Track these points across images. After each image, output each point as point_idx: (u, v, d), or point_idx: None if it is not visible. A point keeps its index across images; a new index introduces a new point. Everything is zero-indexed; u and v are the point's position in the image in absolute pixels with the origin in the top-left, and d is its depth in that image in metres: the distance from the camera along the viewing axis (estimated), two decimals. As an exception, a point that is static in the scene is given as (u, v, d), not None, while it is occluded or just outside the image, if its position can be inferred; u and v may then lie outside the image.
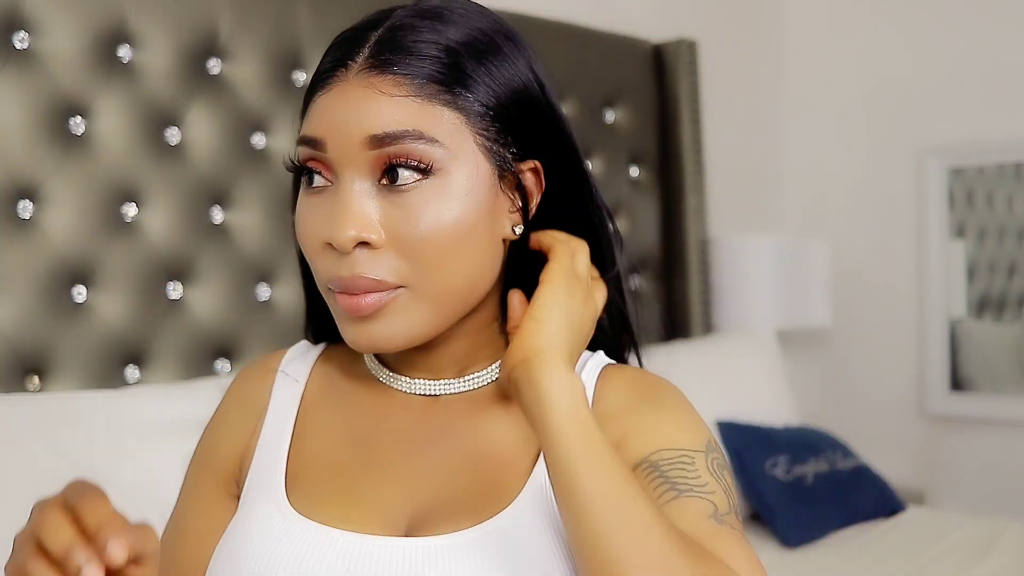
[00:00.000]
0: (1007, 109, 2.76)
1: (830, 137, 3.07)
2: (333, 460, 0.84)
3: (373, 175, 0.75)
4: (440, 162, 0.75)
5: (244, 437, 0.88)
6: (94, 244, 1.55)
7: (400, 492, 0.81)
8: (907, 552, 2.02)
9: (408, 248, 0.75)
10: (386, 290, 0.76)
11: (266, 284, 1.75)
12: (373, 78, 0.75)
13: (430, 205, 0.75)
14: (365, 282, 0.75)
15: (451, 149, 0.75)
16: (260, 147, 1.75)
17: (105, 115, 1.57)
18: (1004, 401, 2.79)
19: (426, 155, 0.74)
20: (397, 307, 0.76)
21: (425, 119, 0.75)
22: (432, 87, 0.75)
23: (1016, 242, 2.80)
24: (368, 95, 0.75)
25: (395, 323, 0.77)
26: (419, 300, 0.77)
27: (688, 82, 2.55)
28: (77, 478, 0.65)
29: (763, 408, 2.35)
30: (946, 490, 2.85)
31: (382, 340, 0.77)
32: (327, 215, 0.76)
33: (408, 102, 0.74)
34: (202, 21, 1.68)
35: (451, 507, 0.79)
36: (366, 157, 0.75)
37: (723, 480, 0.79)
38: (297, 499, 0.82)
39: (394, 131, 0.74)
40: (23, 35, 1.49)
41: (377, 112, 0.74)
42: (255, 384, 0.91)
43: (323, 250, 0.77)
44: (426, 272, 0.76)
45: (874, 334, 2.98)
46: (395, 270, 0.75)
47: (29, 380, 1.48)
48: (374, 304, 0.76)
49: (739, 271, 2.62)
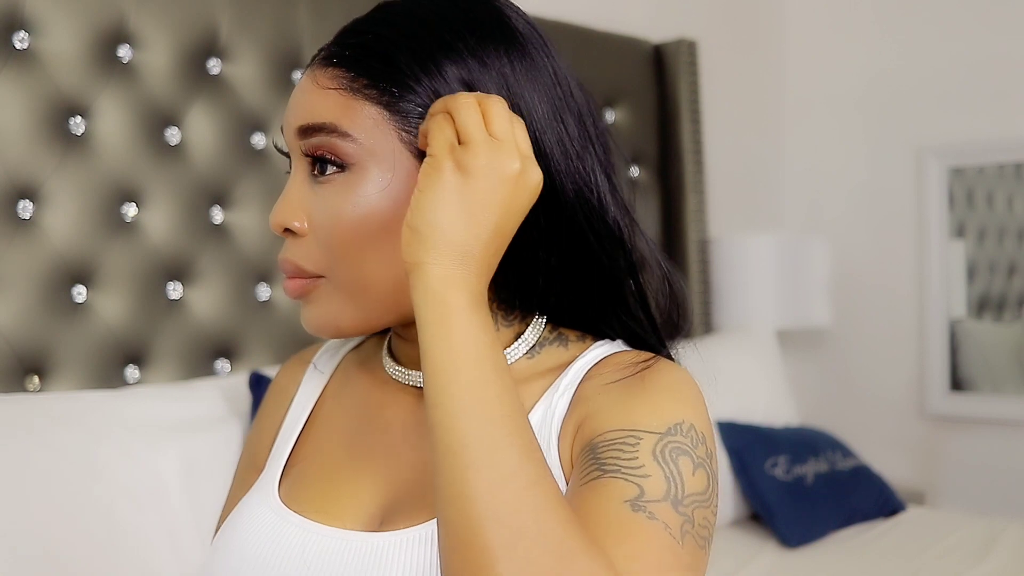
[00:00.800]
0: (1007, 109, 2.76)
1: (830, 137, 3.07)
2: (326, 453, 0.85)
3: (309, 164, 0.78)
4: (353, 157, 0.75)
5: (274, 428, 0.92)
6: (94, 244, 1.55)
7: (377, 484, 0.81)
8: (907, 552, 2.02)
9: (323, 239, 0.77)
10: (306, 277, 0.78)
11: (266, 284, 1.75)
12: (319, 71, 0.78)
13: (342, 199, 0.75)
14: (288, 266, 0.79)
15: (366, 146, 0.75)
16: (260, 147, 1.75)
17: (105, 115, 1.57)
18: (1004, 401, 2.79)
19: (339, 150, 0.75)
20: (319, 296, 0.78)
21: (345, 113, 0.75)
22: (361, 81, 0.75)
23: (1016, 242, 2.80)
24: (306, 87, 0.78)
25: (320, 311, 0.79)
26: (337, 292, 0.78)
27: (688, 82, 2.55)
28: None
29: (763, 408, 2.35)
30: (946, 490, 2.85)
31: (313, 324, 0.80)
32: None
33: (335, 96, 0.76)
34: (202, 21, 1.68)
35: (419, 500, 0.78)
36: (298, 146, 0.78)
37: (670, 465, 0.69)
38: (285, 490, 0.83)
39: (312, 123, 0.76)
40: (23, 35, 1.49)
41: (305, 104, 0.77)
42: (290, 376, 0.95)
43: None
44: (339, 264, 0.77)
45: (874, 334, 2.98)
46: (314, 259, 0.77)
47: (29, 380, 1.48)
48: (296, 289, 0.79)
49: (739, 271, 2.62)
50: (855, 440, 2.68)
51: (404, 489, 0.79)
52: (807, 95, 3.11)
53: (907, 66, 2.92)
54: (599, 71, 2.38)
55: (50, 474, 1.26)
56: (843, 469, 2.26)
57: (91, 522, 1.26)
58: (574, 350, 0.83)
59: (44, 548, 1.22)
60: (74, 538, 1.24)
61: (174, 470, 1.34)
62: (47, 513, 1.24)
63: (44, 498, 1.24)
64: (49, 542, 1.23)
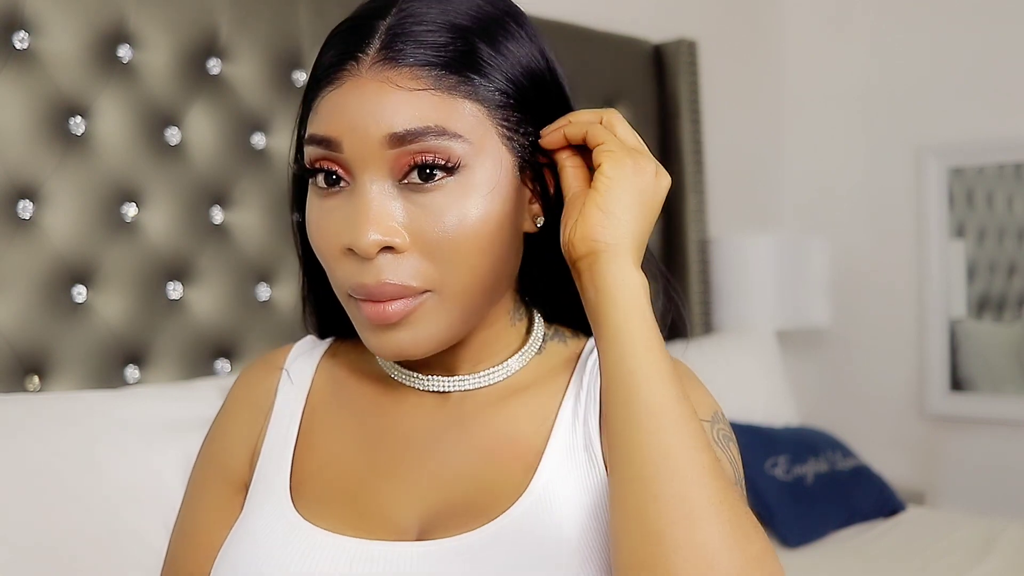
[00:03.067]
0: (1007, 109, 2.76)
1: (830, 137, 3.07)
2: (341, 463, 0.81)
3: (393, 175, 0.71)
4: (464, 158, 0.71)
5: (252, 438, 0.86)
6: (94, 244, 1.55)
7: (409, 495, 0.78)
8: (907, 552, 2.02)
9: (433, 250, 0.71)
10: (412, 296, 0.72)
11: (266, 284, 1.75)
12: (388, 72, 0.71)
13: (455, 204, 0.71)
14: (391, 289, 0.71)
15: (474, 144, 0.72)
16: (260, 147, 1.75)
17: (105, 115, 1.57)
18: (1004, 401, 2.79)
19: (449, 151, 0.71)
20: (424, 312, 0.73)
21: (446, 113, 0.71)
22: (450, 78, 0.71)
23: (1016, 242, 2.80)
24: (384, 90, 0.70)
25: (423, 329, 0.73)
26: (446, 303, 0.73)
27: (688, 82, 2.55)
28: None
29: (763, 408, 2.35)
30: (946, 490, 2.85)
31: (410, 347, 0.73)
32: (345, 219, 0.72)
33: (427, 96, 0.70)
34: (202, 21, 1.68)
35: (460, 507, 0.76)
36: (386, 156, 0.71)
37: (728, 450, 0.76)
38: (303, 504, 0.79)
39: (415, 128, 0.70)
40: (23, 35, 1.49)
41: (395, 108, 0.70)
42: (260, 382, 0.88)
43: (342, 256, 0.73)
44: (453, 274, 0.72)
45: (874, 334, 2.98)
46: (421, 274, 0.72)
47: (29, 380, 1.48)
48: (401, 311, 0.72)
49: (739, 271, 2.62)
50: (855, 440, 2.68)
51: (440, 499, 0.77)
52: (807, 95, 3.11)
53: (907, 66, 2.92)
54: (599, 71, 2.38)
55: (50, 474, 1.26)
56: (843, 469, 2.26)
57: (91, 522, 1.26)
58: (573, 346, 0.85)
59: (44, 548, 1.22)
60: (74, 538, 1.24)
61: (174, 470, 1.34)
62: (47, 513, 1.24)
63: (44, 498, 1.24)
64: (49, 542, 1.23)
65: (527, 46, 0.76)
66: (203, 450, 0.89)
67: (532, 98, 0.75)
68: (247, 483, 0.84)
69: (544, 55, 0.77)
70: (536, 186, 0.77)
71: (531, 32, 0.77)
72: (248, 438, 0.86)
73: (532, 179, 0.77)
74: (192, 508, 0.87)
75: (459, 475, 0.78)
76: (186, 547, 0.84)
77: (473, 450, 0.79)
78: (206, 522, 0.84)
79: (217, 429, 0.89)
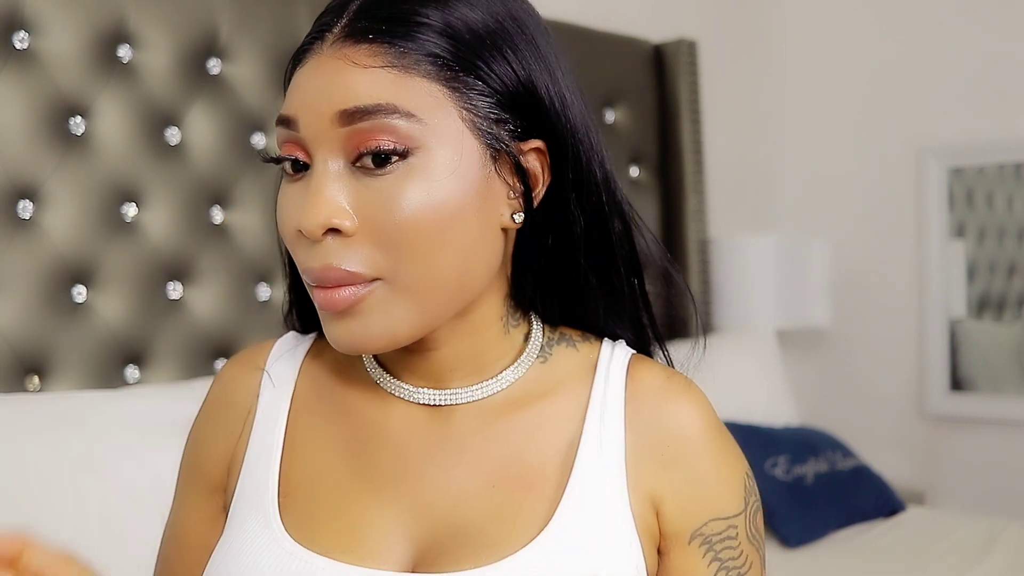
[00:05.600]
0: (1007, 109, 2.76)
1: (830, 137, 3.07)
2: (329, 478, 0.76)
3: (347, 155, 0.67)
4: (418, 139, 0.66)
5: (231, 442, 0.81)
6: (94, 244, 1.55)
7: (404, 518, 0.73)
8: (907, 552, 2.02)
9: (384, 236, 0.67)
10: (361, 283, 0.67)
11: (266, 284, 1.75)
12: (347, 48, 0.67)
13: (408, 188, 0.66)
14: (336, 273, 0.67)
15: (431, 125, 0.66)
16: (260, 147, 1.75)
17: (105, 115, 1.57)
18: (1004, 401, 2.79)
19: (402, 132, 0.66)
20: (375, 302, 0.68)
21: (401, 91, 0.66)
22: (410, 56, 0.67)
23: (1016, 242, 2.79)
24: (340, 67, 0.67)
25: (374, 320, 0.68)
26: (398, 294, 0.68)
27: (688, 82, 2.55)
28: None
29: (763, 408, 2.35)
30: (946, 490, 2.85)
31: (361, 339, 0.69)
32: (300, 201, 0.68)
33: (382, 73, 0.66)
34: (202, 21, 1.68)
35: (466, 538, 0.71)
36: (337, 135, 0.67)
37: (757, 539, 0.75)
38: (291, 523, 0.74)
39: (363, 105, 0.66)
40: (23, 35, 1.49)
41: (348, 85, 0.66)
42: (240, 383, 0.83)
43: (297, 240, 0.69)
44: (405, 263, 0.67)
45: (874, 334, 2.98)
46: (370, 261, 0.67)
47: (29, 380, 1.48)
48: (348, 298, 0.67)
49: (739, 271, 2.62)
50: (855, 440, 2.68)
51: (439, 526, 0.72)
52: (807, 95, 3.11)
53: (907, 66, 2.92)
54: (599, 71, 2.38)
55: (50, 474, 1.26)
56: (843, 469, 2.26)
57: (91, 522, 1.26)
58: (585, 351, 0.79)
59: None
60: (74, 538, 1.24)
61: (174, 470, 1.34)
62: (46, 513, 1.24)
63: (43, 498, 1.24)
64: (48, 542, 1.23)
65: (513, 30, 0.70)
66: (185, 453, 0.86)
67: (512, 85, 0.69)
68: (226, 487, 0.80)
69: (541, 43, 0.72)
70: (516, 179, 0.71)
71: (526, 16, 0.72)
72: (227, 441, 0.81)
73: (509, 172, 0.70)
74: (178, 513, 0.84)
75: (460, 501, 0.73)
76: (176, 551, 0.83)
77: (476, 473, 0.73)
78: (193, 528, 0.82)
79: (197, 431, 0.85)
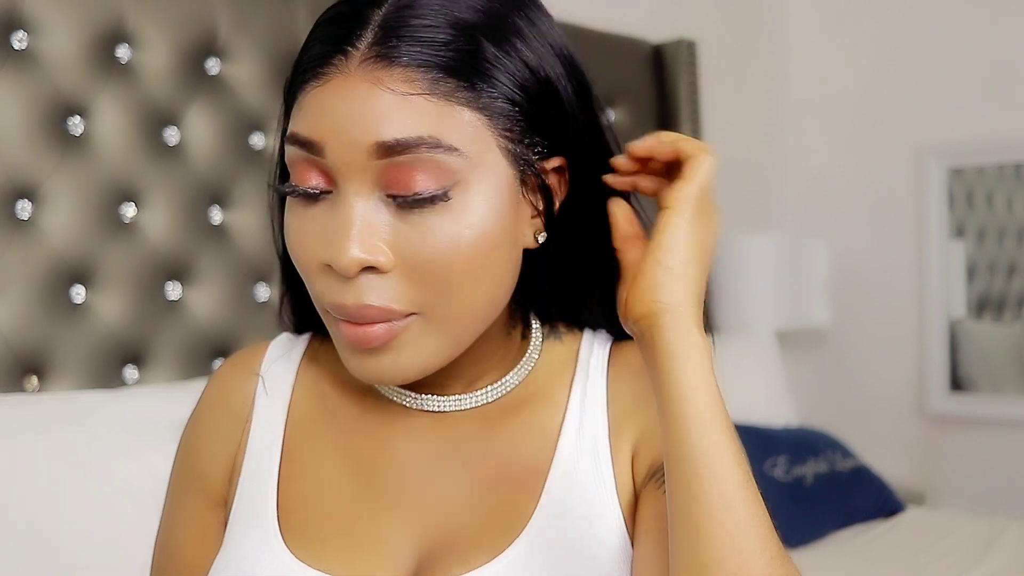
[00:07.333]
0: (1007, 109, 2.76)
1: (830, 137, 3.07)
2: (330, 492, 0.74)
3: (380, 186, 0.64)
4: (458, 174, 0.63)
5: (231, 450, 0.79)
6: (93, 244, 1.55)
7: (406, 528, 0.72)
8: (907, 552, 2.02)
9: (420, 272, 0.64)
10: (396, 319, 0.65)
11: (265, 284, 1.75)
12: (379, 71, 0.63)
13: (446, 223, 0.64)
14: (373, 311, 0.64)
15: (472, 158, 0.64)
16: (259, 147, 1.75)
17: (104, 115, 1.57)
18: (1004, 401, 2.79)
19: (443, 166, 0.63)
20: (409, 337, 0.66)
21: (443, 122, 0.63)
22: (449, 82, 0.63)
23: (1016, 242, 2.79)
24: (374, 92, 0.62)
25: (406, 355, 0.66)
26: (433, 327, 0.66)
27: (688, 82, 2.55)
28: None
29: (763, 408, 2.35)
30: (946, 490, 2.85)
31: (392, 373, 0.67)
32: (326, 231, 0.65)
33: (421, 102, 0.62)
34: (201, 21, 1.68)
35: (462, 541, 0.71)
36: (373, 167, 0.63)
37: None
38: (293, 539, 0.72)
39: (405, 138, 0.62)
40: (22, 35, 1.49)
41: (385, 114, 0.62)
42: (236, 388, 0.81)
43: (321, 271, 0.66)
44: (442, 297, 0.65)
45: (874, 334, 2.98)
46: (406, 296, 0.65)
47: (28, 380, 1.48)
48: (383, 336, 0.65)
49: (739, 271, 2.62)
50: (855, 440, 2.67)
51: (441, 533, 0.72)
52: (807, 95, 3.10)
53: (907, 66, 2.92)
54: (599, 71, 2.36)
55: (49, 474, 1.26)
56: (843, 469, 2.26)
57: (90, 522, 1.26)
58: (569, 343, 0.80)
59: (43, 548, 1.22)
60: (73, 538, 1.24)
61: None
62: (46, 513, 1.24)
63: (43, 498, 1.24)
64: (48, 542, 1.23)
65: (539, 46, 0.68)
66: (179, 459, 0.83)
67: (541, 106, 0.67)
68: (227, 497, 0.79)
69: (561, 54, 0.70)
70: (539, 197, 0.70)
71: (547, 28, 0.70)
72: (227, 450, 0.79)
73: (533, 191, 0.69)
74: (172, 522, 0.81)
75: (460, 506, 0.72)
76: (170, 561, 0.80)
77: (473, 477, 0.73)
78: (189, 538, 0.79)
79: (192, 438, 0.82)
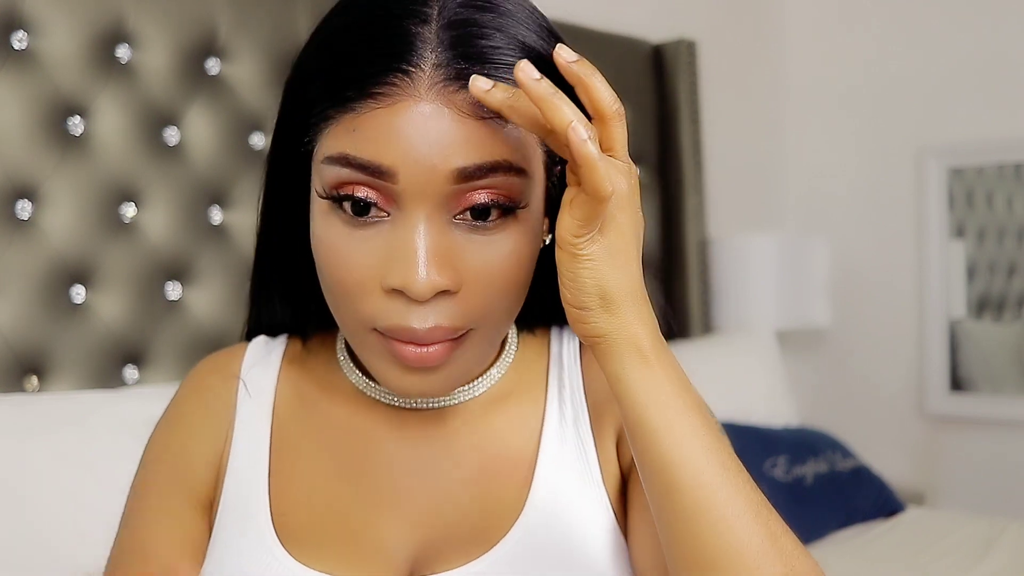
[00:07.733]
0: (1007, 109, 2.76)
1: (830, 137, 3.07)
2: (322, 493, 0.74)
3: (449, 209, 0.63)
4: (524, 195, 0.64)
5: (216, 456, 0.78)
6: (93, 244, 1.55)
7: (401, 525, 0.73)
8: (907, 552, 2.02)
9: (482, 290, 0.64)
10: (457, 336, 0.65)
11: (265, 284, 1.75)
12: (451, 94, 0.61)
13: (508, 243, 0.64)
14: (441, 332, 0.64)
15: (533, 178, 0.65)
16: (259, 147, 1.75)
17: (104, 115, 1.57)
18: (1004, 401, 2.79)
19: (515, 189, 0.63)
20: (461, 351, 0.66)
21: (513, 145, 0.63)
22: None
23: (1016, 242, 2.79)
24: (451, 117, 0.61)
25: (456, 369, 0.67)
26: (481, 339, 0.67)
27: (688, 82, 2.55)
28: None
29: (762, 408, 2.35)
30: (946, 490, 2.85)
31: (439, 389, 0.67)
32: (388, 254, 0.63)
33: (495, 124, 0.62)
34: (201, 21, 1.68)
35: (457, 535, 0.72)
36: (446, 191, 0.62)
37: None
38: (289, 541, 0.72)
39: (484, 163, 0.61)
40: (22, 35, 1.49)
41: (465, 140, 0.61)
42: (217, 393, 0.80)
43: (378, 294, 0.64)
44: (496, 310, 0.66)
45: (874, 334, 2.98)
46: (467, 313, 0.64)
47: (28, 380, 1.48)
48: (444, 354, 0.65)
49: (739, 271, 2.62)
50: (855, 440, 2.68)
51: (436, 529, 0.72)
52: (807, 95, 3.11)
53: (907, 66, 2.92)
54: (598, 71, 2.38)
55: (49, 474, 1.26)
56: (843, 469, 2.26)
57: (90, 522, 1.26)
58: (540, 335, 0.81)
59: (43, 548, 1.22)
60: (73, 538, 1.24)
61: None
62: (45, 513, 1.24)
63: (42, 498, 1.24)
64: (48, 542, 1.23)
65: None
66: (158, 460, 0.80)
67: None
68: (212, 503, 0.77)
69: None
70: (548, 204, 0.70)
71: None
72: (212, 455, 0.78)
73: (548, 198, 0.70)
74: (142, 525, 0.77)
75: (452, 501, 0.73)
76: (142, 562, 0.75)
77: (463, 471, 0.74)
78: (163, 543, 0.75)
79: (174, 441, 0.79)
